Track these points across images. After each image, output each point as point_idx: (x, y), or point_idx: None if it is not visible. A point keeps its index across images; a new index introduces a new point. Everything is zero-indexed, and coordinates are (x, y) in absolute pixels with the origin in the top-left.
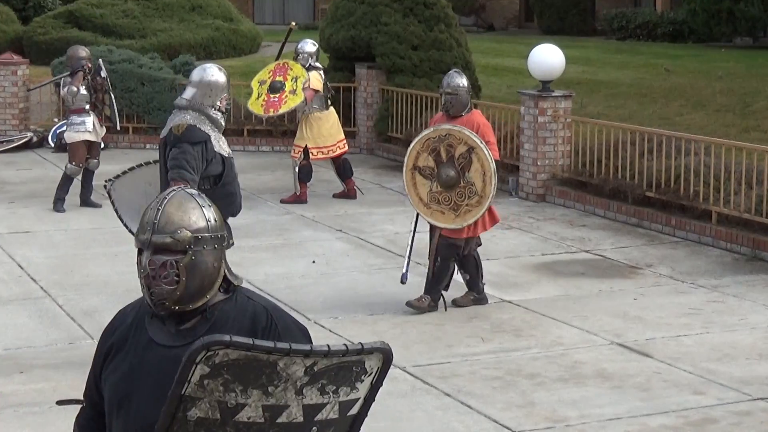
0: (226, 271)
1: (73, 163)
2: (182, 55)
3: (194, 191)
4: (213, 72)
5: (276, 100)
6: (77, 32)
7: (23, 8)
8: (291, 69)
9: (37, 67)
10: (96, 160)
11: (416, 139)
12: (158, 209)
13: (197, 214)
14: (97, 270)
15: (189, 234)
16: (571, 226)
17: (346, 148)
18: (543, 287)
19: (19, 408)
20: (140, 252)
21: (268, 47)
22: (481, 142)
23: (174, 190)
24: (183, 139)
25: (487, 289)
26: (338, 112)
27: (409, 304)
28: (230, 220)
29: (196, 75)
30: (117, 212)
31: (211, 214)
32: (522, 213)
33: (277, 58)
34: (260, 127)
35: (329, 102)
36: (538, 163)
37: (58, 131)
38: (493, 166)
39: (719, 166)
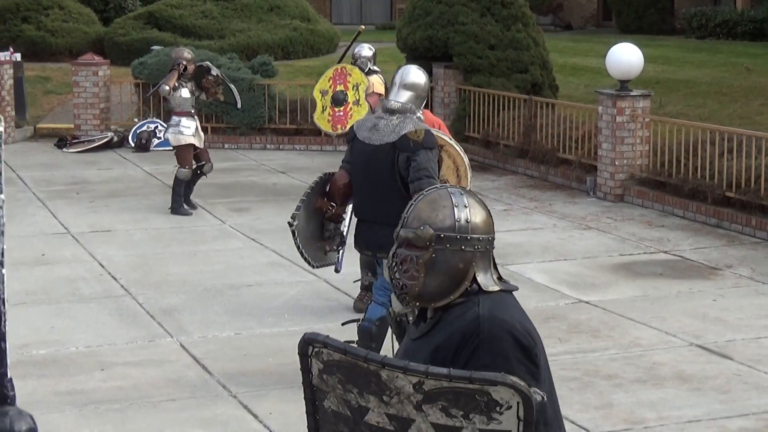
0: (480, 275)
1: (186, 167)
2: (260, 56)
3: (460, 190)
4: (424, 75)
5: (342, 114)
6: (157, 33)
7: (104, 10)
8: (350, 75)
9: (118, 67)
10: (210, 164)
11: None
12: (412, 204)
13: (446, 213)
14: (176, 269)
15: (431, 232)
16: (649, 227)
17: None
18: (621, 288)
19: (100, 405)
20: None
21: (345, 48)
22: (450, 138)
23: (436, 187)
24: (425, 145)
25: (565, 290)
26: None
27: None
28: None
29: (411, 77)
30: (299, 247)
31: (465, 215)
32: (600, 213)
33: (339, 61)
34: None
35: None
36: (616, 163)
37: (138, 131)
38: (466, 160)
39: None
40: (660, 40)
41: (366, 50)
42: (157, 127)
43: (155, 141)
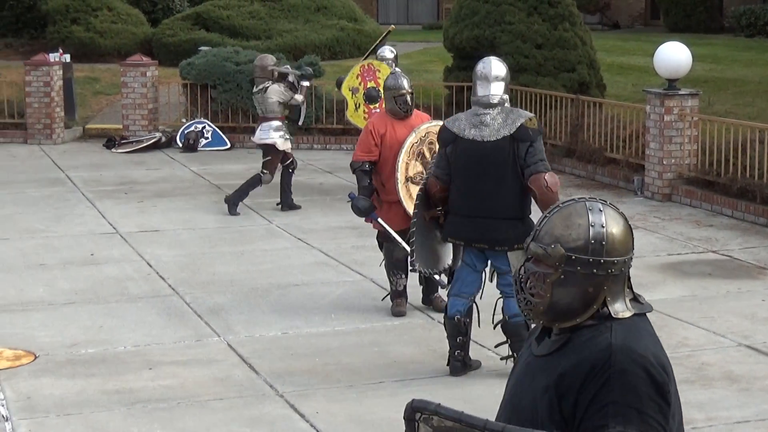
0: (612, 299)
1: (272, 175)
2: (307, 56)
3: (600, 205)
4: (505, 64)
5: (378, 111)
6: (204, 34)
7: (152, 11)
8: (379, 71)
9: (166, 68)
10: (295, 161)
11: (403, 151)
12: (546, 216)
13: (581, 231)
14: (223, 269)
15: (562, 252)
16: (697, 226)
17: None
18: (669, 288)
19: (148, 404)
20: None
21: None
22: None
23: (574, 199)
24: (540, 131)
25: None
26: (462, 111)
27: (436, 307)
28: (355, 218)
29: (498, 69)
30: (412, 255)
31: (601, 236)
32: (647, 212)
33: (365, 58)
34: None
35: None
36: (664, 162)
37: (186, 131)
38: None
39: None
40: (708, 38)
41: (388, 52)
42: (204, 127)
43: (203, 141)
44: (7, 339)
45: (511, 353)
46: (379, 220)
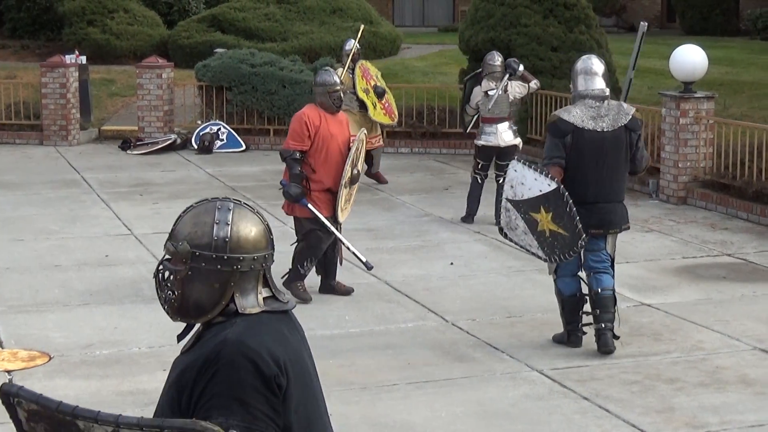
0: (239, 295)
1: None
2: (323, 58)
3: (230, 205)
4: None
5: (388, 104)
6: (220, 36)
7: (168, 12)
8: (370, 68)
9: (182, 70)
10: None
11: (349, 159)
12: (180, 216)
13: (206, 228)
14: None
15: (188, 248)
16: (712, 229)
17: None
18: (683, 291)
19: None
20: None
21: (408, 49)
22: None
23: (207, 199)
24: (642, 122)
25: (626, 292)
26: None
27: (339, 291)
28: (370, 221)
29: (599, 65)
30: (519, 245)
31: (225, 233)
32: (662, 215)
33: (353, 60)
34: (399, 129)
35: None
36: (680, 165)
37: (201, 133)
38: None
39: None
40: (724, 41)
41: (346, 46)
42: (219, 129)
43: (218, 143)
44: (23, 340)
45: (599, 325)
46: (309, 205)
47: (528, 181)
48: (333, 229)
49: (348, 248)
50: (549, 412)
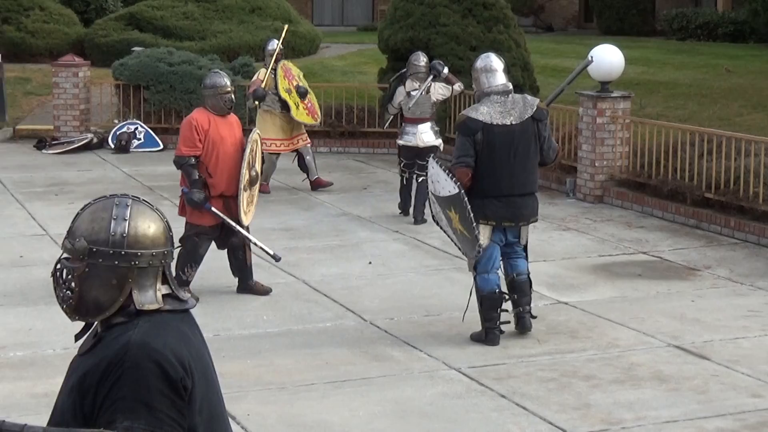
0: (138, 292)
1: None
2: (241, 57)
3: (128, 201)
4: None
5: (310, 104)
6: (138, 34)
7: (85, 11)
8: (292, 69)
9: (98, 69)
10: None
11: (245, 162)
12: (78, 213)
13: (102, 225)
14: None
15: (85, 244)
16: (628, 228)
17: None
18: (600, 289)
19: None
20: None
21: (327, 48)
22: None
23: (105, 197)
24: (547, 111)
25: (544, 290)
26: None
27: (257, 291)
28: (288, 220)
29: (498, 61)
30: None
31: (122, 228)
32: (579, 214)
33: (276, 60)
34: (318, 128)
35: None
36: (596, 165)
37: (118, 132)
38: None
39: None
40: (641, 41)
41: (276, 44)
42: (137, 128)
43: (135, 142)
44: None
45: (517, 309)
46: (214, 209)
47: (441, 180)
48: (238, 227)
49: (255, 243)
50: (466, 411)
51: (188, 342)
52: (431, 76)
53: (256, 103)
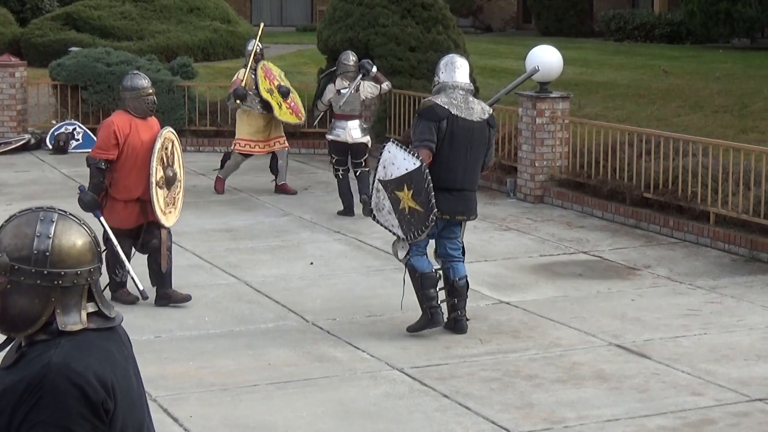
0: (61, 312)
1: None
2: (180, 57)
3: (53, 216)
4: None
5: (294, 104)
6: (75, 34)
7: (21, 10)
8: (272, 69)
9: (35, 69)
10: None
11: (154, 158)
12: (3, 225)
13: (27, 241)
14: None
15: (7, 261)
16: (569, 228)
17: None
18: (541, 288)
19: None
20: None
21: (266, 49)
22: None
23: (31, 209)
24: None
25: (485, 290)
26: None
27: (175, 299)
28: (229, 221)
29: (462, 61)
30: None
31: (45, 246)
32: (520, 214)
33: (253, 58)
34: None
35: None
36: (536, 165)
37: (56, 133)
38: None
39: (717, 167)
40: (579, 42)
41: (255, 43)
42: (75, 128)
43: (73, 143)
44: None
45: (456, 312)
46: (101, 219)
47: (398, 161)
48: (117, 246)
49: (128, 272)
50: (410, 411)
51: (112, 361)
52: (360, 75)
53: (238, 102)
